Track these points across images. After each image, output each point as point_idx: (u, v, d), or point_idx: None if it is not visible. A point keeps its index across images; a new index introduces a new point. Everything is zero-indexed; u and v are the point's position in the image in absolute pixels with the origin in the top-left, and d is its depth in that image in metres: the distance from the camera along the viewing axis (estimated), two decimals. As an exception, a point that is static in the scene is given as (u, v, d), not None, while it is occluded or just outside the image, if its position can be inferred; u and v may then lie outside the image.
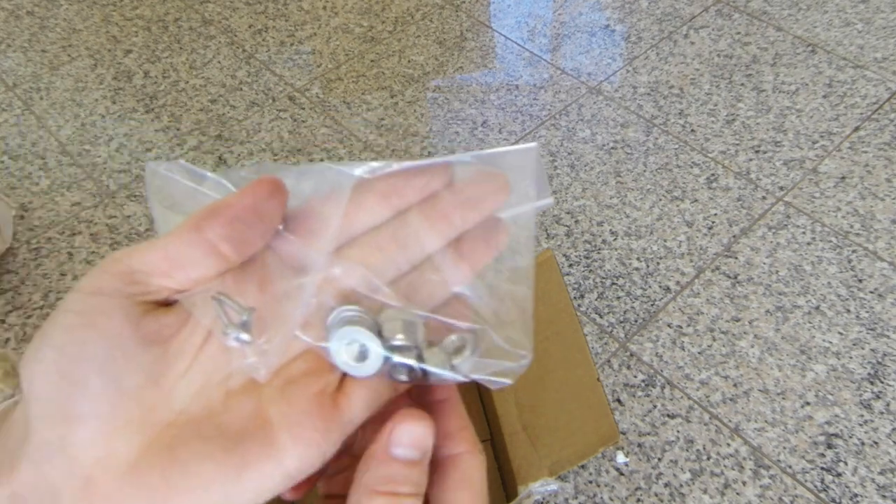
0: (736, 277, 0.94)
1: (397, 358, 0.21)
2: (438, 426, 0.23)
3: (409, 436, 0.21)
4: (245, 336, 0.21)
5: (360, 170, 0.22)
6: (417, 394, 0.24)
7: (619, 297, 0.92)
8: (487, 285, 0.23)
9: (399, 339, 0.21)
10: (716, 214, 1.01)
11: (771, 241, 0.97)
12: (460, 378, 0.22)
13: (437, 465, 0.23)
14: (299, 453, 0.20)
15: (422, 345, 0.22)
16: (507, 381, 0.23)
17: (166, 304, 0.21)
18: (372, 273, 0.22)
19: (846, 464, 0.77)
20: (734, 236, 0.98)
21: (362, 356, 0.21)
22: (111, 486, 0.19)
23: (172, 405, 0.20)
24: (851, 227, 0.98)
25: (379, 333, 0.21)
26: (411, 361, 0.21)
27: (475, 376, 0.23)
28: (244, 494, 0.19)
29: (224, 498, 0.19)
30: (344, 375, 0.22)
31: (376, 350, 0.21)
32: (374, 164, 0.22)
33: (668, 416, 0.81)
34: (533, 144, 0.23)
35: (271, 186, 0.21)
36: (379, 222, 0.22)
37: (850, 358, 0.85)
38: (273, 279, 0.22)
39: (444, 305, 0.23)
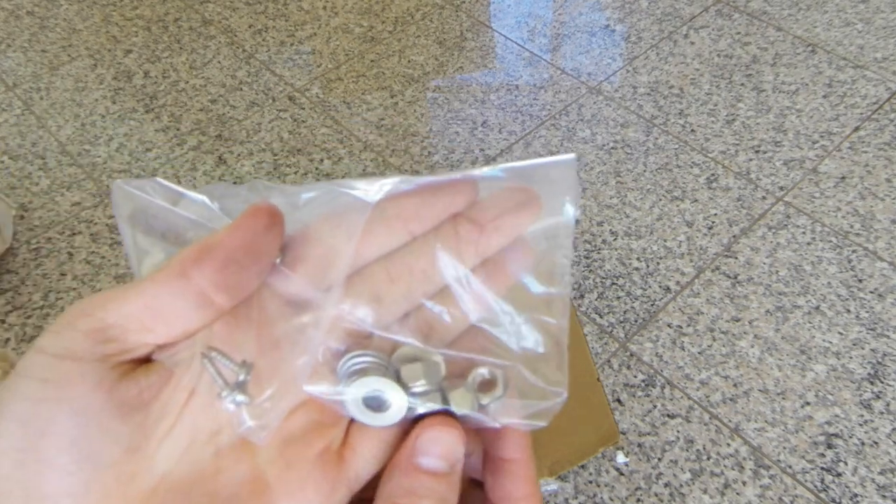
0: (736, 277, 0.94)
1: (422, 408, 0.19)
2: (502, 487, 0.21)
3: (437, 445, 0.19)
4: (242, 398, 0.18)
5: (373, 194, 0.19)
6: (484, 446, 0.22)
7: (619, 297, 0.92)
8: (515, 316, 0.21)
9: (421, 386, 0.19)
10: (716, 214, 1.01)
11: (771, 241, 0.97)
12: (491, 423, 0.20)
13: None
14: None
15: (445, 386, 0.20)
16: (542, 423, 0.21)
17: (145, 359, 0.18)
18: (383, 308, 0.19)
19: (846, 464, 0.77)
20: (734, 236, 0.98)
21: (382, 406, 0.19)
22: None
23: (155, 470, 0.18)
24: (851, 227, 0.98)
25: (397, 378, 0.19)
26: (438, 407, 0.19)
27: (507, 420, 0.20)
28: None
29: None
30: (349, 426, 0.20)
31: (399, 401, 0.19)
32: (387, 181, 0.19)
33: (668, 416, 0.81)
34: (571, 156, 0.20)
35: (268, 218, 0.18)
36: (391, 249, 0.20)
37: (850, 358, 0.85)
38: (271, 323, 0.19)
39: (464, 338, 0.20)
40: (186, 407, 0.18)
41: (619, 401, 0.83)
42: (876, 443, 0.79)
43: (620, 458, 0.78)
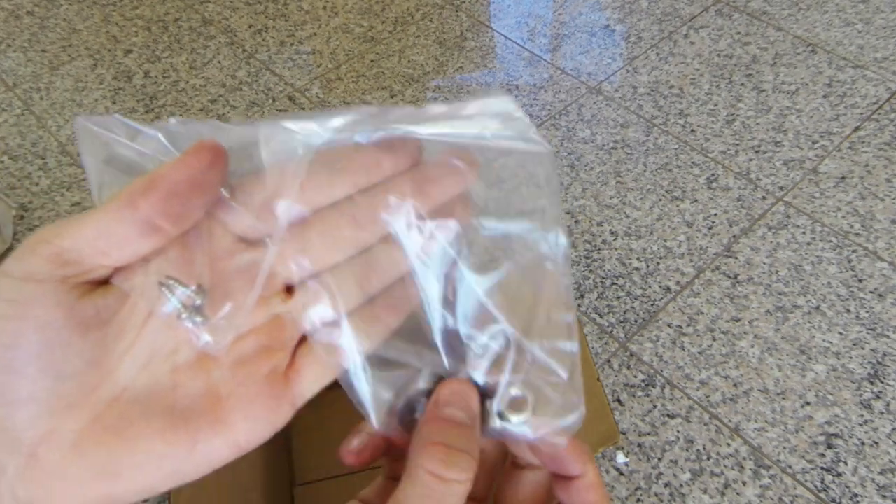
0: (736, 277, 0.94)
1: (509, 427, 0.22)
2: (574, 499, 0.23)
3: (452, 393, 0.22)
4: (200, 318, 0.20)
5: (319, 138, 0.21)
6: (550, 468, 0.24)
7: (619, 297, 0.92)
8: (529, 345, 0.22)
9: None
10: (716, 214, 1.01)
11: (771, 241, 0.97)
12: (530, 436, 0.22)
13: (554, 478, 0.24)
14: (250, 428, 0.20)
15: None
16: (563, 441, 0.22)
17: (103, 282, 0.20)
18: (323, 253, 0.21)
19: (846, 464, 0.77)
20: (734, 236, 0.98)
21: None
22: (57, 462, 0.19)
23: (116, 382, 0.20)
24: (851, 227, 0.98)
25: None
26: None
27: (541, 433, 0.22)
28: (194, 467, 0.20)
29: (174, 471, 0.20)
30: (295, 351, 0.22)
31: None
32: (336, 122, 0.21)
33: (668, 416, 0.81)
34: (545, 150, 0.21)
35: (211, 155, 0.19)
36: (337, 199, 0.21)
37: (850, 358, 0.85)
38: (221, 252, 0.21)
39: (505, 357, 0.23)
40: (145, 327, 0.20)
41: (619, 401, 0.83)
42: (876, 443, 0.79)
43: (620, 458, 0.78)
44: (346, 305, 0.22)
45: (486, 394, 0.22)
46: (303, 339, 0.22)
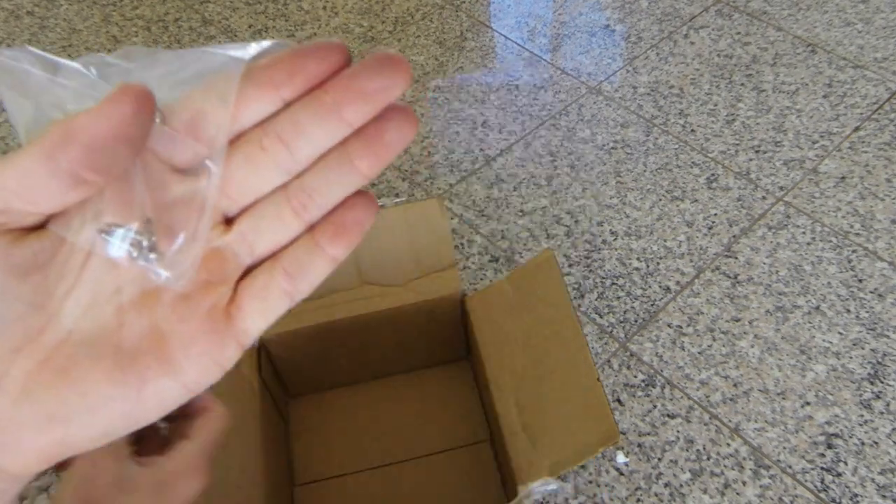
0: (736, 277, 0.94)
1: None
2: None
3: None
4: (153, 255, 0.19)
5: (244, 53, 0.19)
6: None
7: (619, 297, 0.92)
8: None
9: None
10: (716, 214, 1.01)
11: (771, 241, 0.97)
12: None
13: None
14: (197, 369, 0.20)
15: None
16: None
17: (39, 225, 0.19)
18: (259, 175, 0.20)
19: (846, 464, 0.77)
20: (734, 236, 0.98)
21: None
22: (6, 408, 0.19)
23: (61, 325, 0.19)
24: (851, 227, 0.98)
25: None
26: None
27: None
28: (145, 410, 0.20)
29: (125, 413, 0.19)
30: (237, 285, 0.21)
31: None
32: (259, 45, 0.19)
33: (668, 416, 0.81)
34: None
35: (136, 102, 0.17)
36: (266, 115, 0.20)
37: (850, 358, 0.85)
38: (158, 182, 0.20)
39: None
40: (85, 268, 0.19)
41: (619, 401, 0.83)
42: (876, 443, 0.79)
43: (620, 458, 0.78)
44: (285, 236, 0.21)
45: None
46: (245, 273, 0.21)
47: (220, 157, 0.19)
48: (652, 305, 0.91)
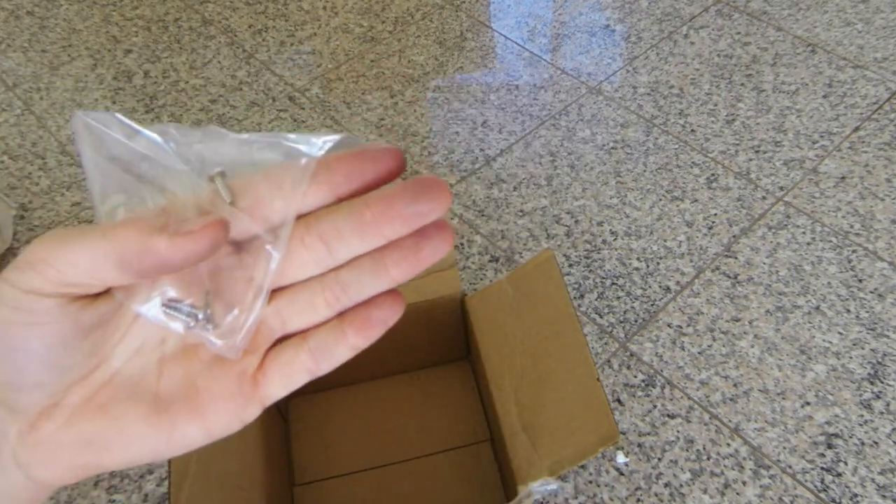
0: (736, 277, 0.94)
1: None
2: None
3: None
4: (210, 326, 0.21)
5: (315, 149, 0.21)
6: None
7: (619, 297, 0.92)
8: None
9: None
10: (716, 214, 1.01)
11: (771, 241, 0.97)
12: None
13: None
14: (222, 421, 0.22)
15: None
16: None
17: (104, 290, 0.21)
18: (307, 266, 0.22)
19: (846, 464, 0.77)
20: (734, 236, 0.98)
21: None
22: (52, 433, 0.21)
23: (109, 367, 0.22)
24: (851, 227, 0.98)
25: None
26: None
27: None
28: (171, 449, 0.22)
29: (153, 449, 0.22)
30: (265, 355, 0.23)
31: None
32: (329, 139, 0.21)
33: (668, 416, 0.81)
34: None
35: (215, 241, 0.20)
36: (316, 206, 0.22)
37: (850, 358, 0.85)
38: (221, 258, 0.22)
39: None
40: (136, 320, 0.22)
41: (619, 401, 0.83)
42: (876, 443, 0.79)
43: (620, 458, 0.78)
44: (315, 319, 0.23)
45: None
46: (275, 344, 0.23)
47: (282, 246, 0.21)
48: (652, 305, 0.91)
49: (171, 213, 0.21)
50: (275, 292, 0.23)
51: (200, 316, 0.21)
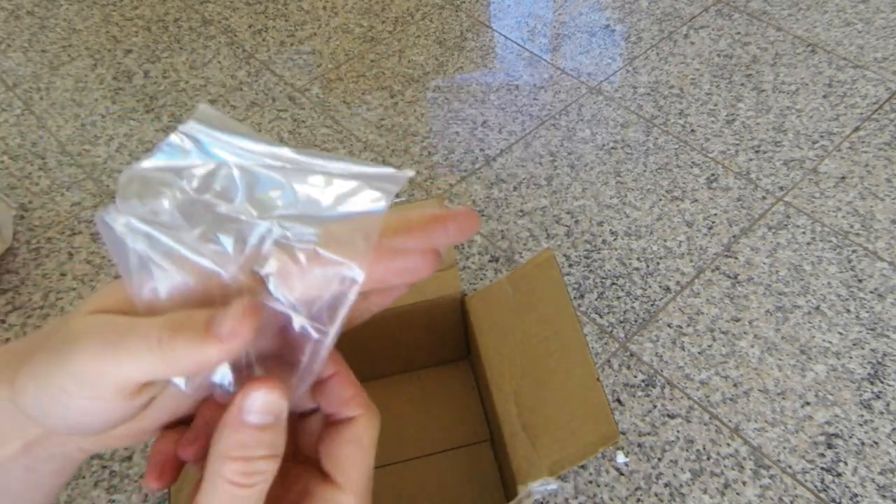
0: (736, 277, 0.94)
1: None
2: (334, 397, 0.25)
3: (262, 402, 0.22)
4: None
5: (381, 201, 0.22)
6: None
7: (619, 297, 0.92)
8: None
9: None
10: (716, 214, 1.01)
11: (771, 241, 0.97)
12: (284, 304, 0.23)
13: (332, 426, 0.25)
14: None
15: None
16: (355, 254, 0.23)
17: None
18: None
19: (846, 464, 0.77)
20: (734, 236, 0.98)
21: None
22: (108, 434, 0.24)
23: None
24: (851, 227, 0.98)
25: None
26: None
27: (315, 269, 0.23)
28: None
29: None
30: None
31: None
32: (404, 175, 0.23)
33: (668, 416, 0.81)
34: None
35: (254, 328, 0.21)
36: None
37: (850, 358, 0.85)
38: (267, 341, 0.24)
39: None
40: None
41: (619, 401, 0.83)
42: (876, 443, 0.79)
43: (620, 458, 0.78)
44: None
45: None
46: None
47: (331, 340, 0.22)
48: (652, 305, 0.91)
49: (209, 298, 0.22)
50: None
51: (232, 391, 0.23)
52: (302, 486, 0.25)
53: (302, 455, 0.27)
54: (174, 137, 0.23)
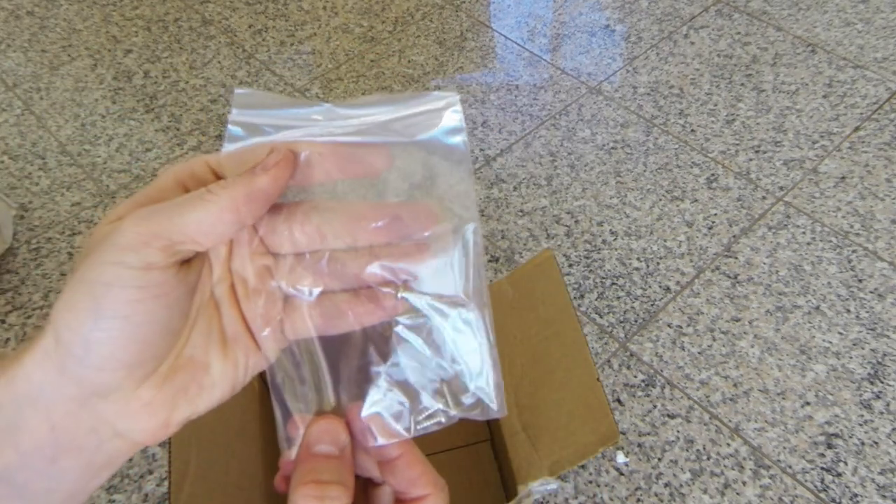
0: (736, 277, 0.94)
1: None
2: (402, 477, 0.26)
3: (324, 431, 0.25)
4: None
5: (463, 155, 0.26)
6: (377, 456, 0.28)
7: (619, 297, 0.92)
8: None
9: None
10: (716, 214, 1.01)
11: (771, 241, 0.97)
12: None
13: (400, 500, 0.27)
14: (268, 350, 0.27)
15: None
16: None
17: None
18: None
19: (846, 464, 0.77)
20: (734, 236, 0.98)
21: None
22: (151, 398, 0.24)
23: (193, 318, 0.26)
24: (851, 227, 0.98)
25: None
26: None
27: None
28: (241, 382, 0.26)
29: (231, 387, 0.26)
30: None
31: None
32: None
33: (668, 416, 0.81)
34: (462, 144, 0.25)
35: (292, 166, 0.24)
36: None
37: (850, 358, 0.85)
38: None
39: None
40: (209, 268, 0.26)
41: (619, 401, 0.83)
42: (876, 443, 0.79)
43: (620, 458, 0.78)
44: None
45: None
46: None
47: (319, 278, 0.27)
48: (652, 305, 0.91)
49: (246, 161, 0.24)
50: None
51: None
52: None
53: None
54: (231, 128, 0.25)
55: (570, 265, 0.96)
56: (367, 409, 0.26)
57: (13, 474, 0.23)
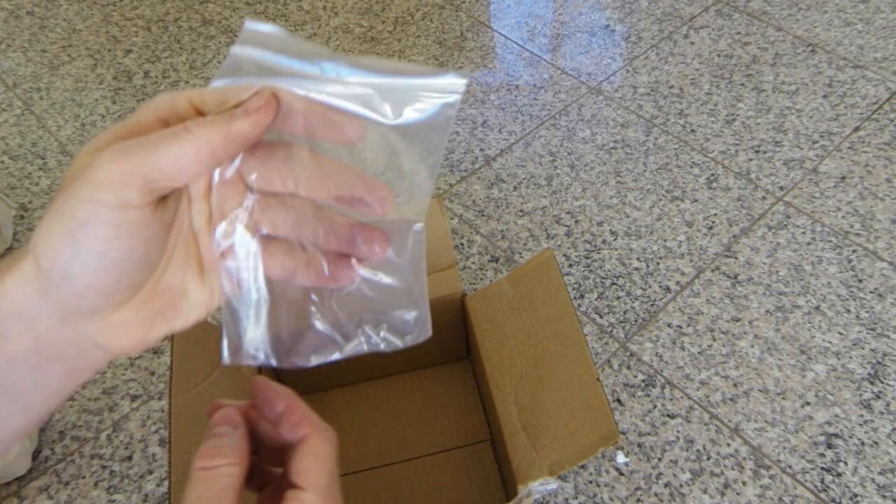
0: (736, 277, 0.94)
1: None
2: (288, 425, 0.30)
3: (222, 417, 0.30)
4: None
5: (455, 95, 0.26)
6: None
7: (619, 297, 0.92)
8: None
9: None
10: (716, 214, 1.01)
11: (771, 241, 0.97)
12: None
13: (293, 447, 0.30)
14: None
15: None
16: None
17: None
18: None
19: (846, 464, 0.77)
20: (734, 236, 0.98)
21: None
22: (130, 317, 0.26)
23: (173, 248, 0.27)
24: (851, 227, 0.98)
25: None
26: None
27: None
28: (216, 302, 0.28)
29: (206, 307, 0.28)
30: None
31: None
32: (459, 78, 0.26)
33: (668, 416, 0.81)
34: (443, 135, 0.27)
35: (276, 111, 0.24)
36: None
37: (850, 358, 0.85)
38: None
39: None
40: (187, 202, 0.27)
41: (619, 401, 0.83)
42: (876, 443, 0.79)
43: (620, 458, 0.78)
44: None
45: None
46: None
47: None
48: (652, 305, 0.91)
49: (229, 100, 0.24)
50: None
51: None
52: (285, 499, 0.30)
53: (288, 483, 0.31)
54: (230, 61, 0.25)
55: (570, 265, 0.96)
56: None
57: (0, 378, 0.25)
